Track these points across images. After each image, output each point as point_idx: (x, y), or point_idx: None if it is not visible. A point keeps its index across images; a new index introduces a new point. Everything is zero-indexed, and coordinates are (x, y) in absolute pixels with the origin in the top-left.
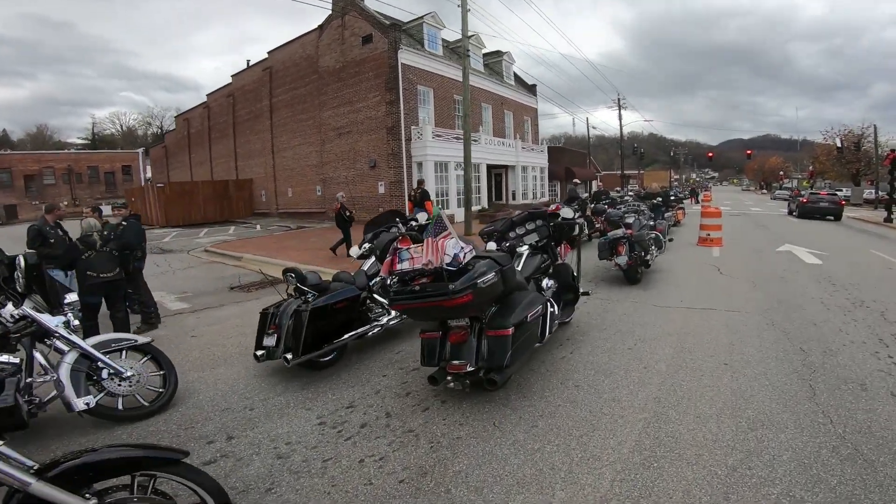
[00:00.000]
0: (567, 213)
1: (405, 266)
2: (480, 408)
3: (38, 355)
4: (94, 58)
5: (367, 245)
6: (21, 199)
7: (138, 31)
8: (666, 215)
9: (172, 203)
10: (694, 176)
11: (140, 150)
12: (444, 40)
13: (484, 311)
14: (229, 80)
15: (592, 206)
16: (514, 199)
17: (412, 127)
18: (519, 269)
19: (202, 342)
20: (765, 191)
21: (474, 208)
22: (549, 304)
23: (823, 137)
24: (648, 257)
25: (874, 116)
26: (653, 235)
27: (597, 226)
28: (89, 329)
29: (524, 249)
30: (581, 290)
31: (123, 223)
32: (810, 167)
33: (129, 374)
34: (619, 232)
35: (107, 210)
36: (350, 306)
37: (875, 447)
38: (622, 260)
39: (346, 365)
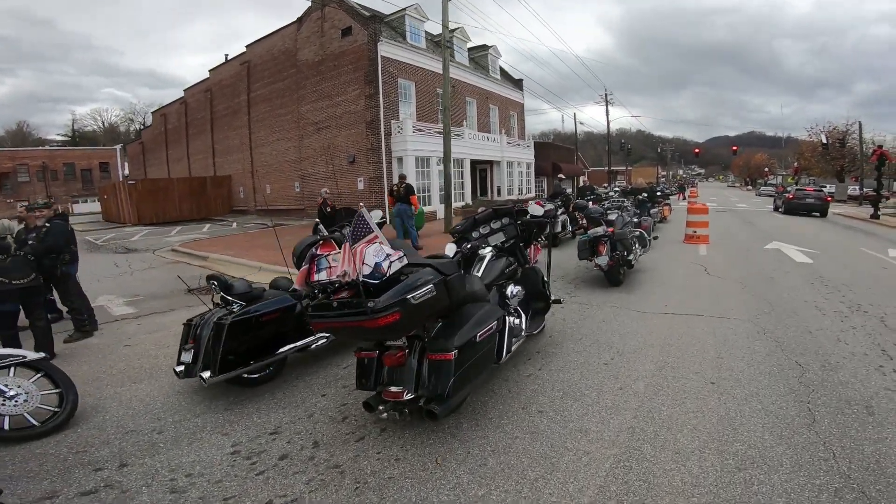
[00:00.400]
0: (536, 210)
1: (322, 277)
2: (424, 439)
3: None
4: (75, 55)
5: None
6: None
7: (120, 27)
8: (652, 211)
9: (145, 200)
10: (681, 172)
11: (118, 147)
12: (427, 33)
13: (427, 328)
14: (207, 74)
15: (575, 202)
16: (499, 194)
17: (392, 121)
18: (479, 274)
19: (134, 352)
20: (750, 187)
21: (457, 204)
22: (508, 317)
23: (808, 134)
24: (631, 257)
25: (858, 113)
26: (637, 233)
27: (581, 223)
28: (8, 339)
29: (487, 252)
30: (552, 298)
31: (47, 224)
32: (795, 164)
33: (11, 393)
34: (601, 230)
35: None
36: (283, 317)
37: (885, 489)
38: (603, 260)
39: (284, 381)
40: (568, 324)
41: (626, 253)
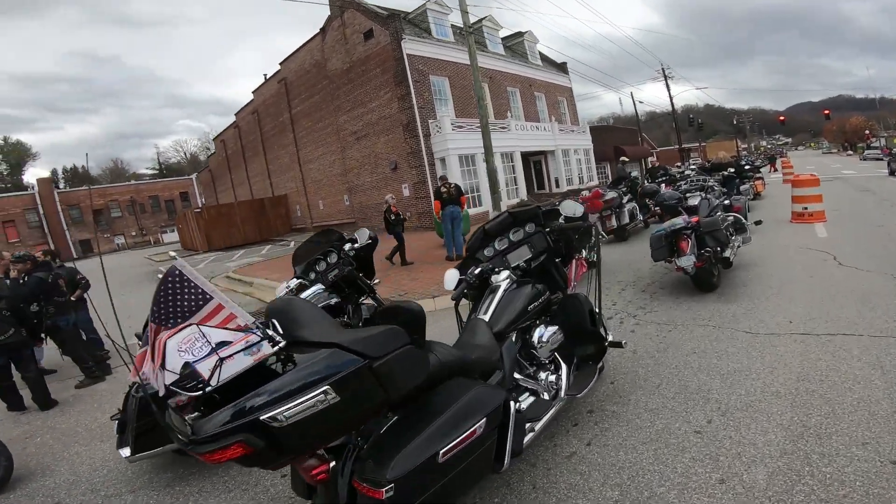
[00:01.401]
0: (572, 207)
1: (146, 372)
2: None
3: None
4: (145, 89)
5: (295, 281)
6: (92, 234)
7: (178, 58)
8: (742, 188)
9: (212, 227)
10: (764, 143)
11: (193, 176)
12: (454, 26)
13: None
14: (251, 96)
15: (643, 186)
16: (557, 186)
17: (430, 121)
18: (487, 315)
19: None
20: (850, 152)
21: (511, 201)
22: (511, 401)
23: None
24: (728, 253)
25: None
26: (730, 219)
27: (654, 210)
28: (4, 391)
29: (503, 278)
30: (608, 339)
31: (24, 278)
32: None
33: None
34: (680, 220)
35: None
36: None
37: None
38: (687, 261)
39: None
40: (640, 359)
41: (719, 248)
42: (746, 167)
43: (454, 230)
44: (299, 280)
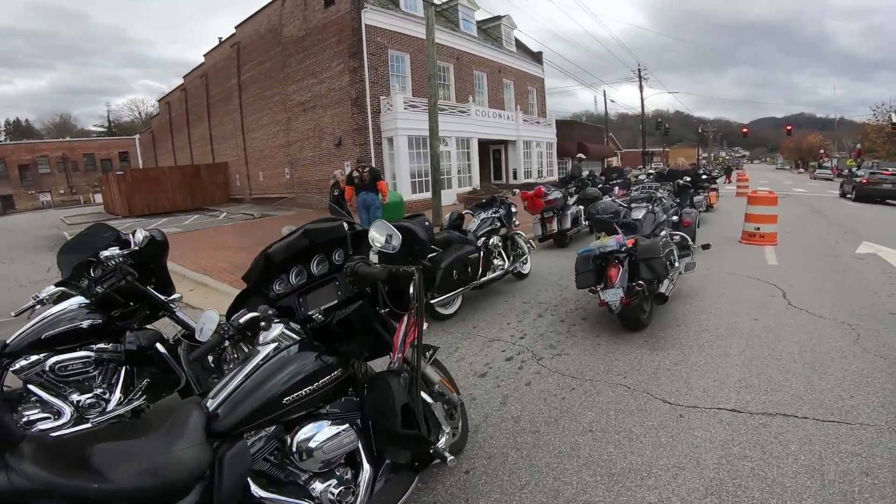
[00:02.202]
0: (382, 232)
1: None
2: None
3: None
4: (109, 48)
5: (53, 290)
6: (17, 189)
7: (150, 19)
8: (696, 199)
9: (134, 191)
10: (723, 154)
11: (136, 137)
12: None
13: None
14: (202, 59)
15: (585, 191)
16: (514, 177)
17: (382, 97)
18: (214, 401)
19: None
20: (801, 170)
21: (463, 189)
22: None
23: (874, 114)
24: (665, 287)
25: None
26: (677, 240)
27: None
28: None
29: (270, 337)
30: (439, 445)
31: None
32: (857, 145)
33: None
34: (612, 241)
35: None
36: None
37: None
38: (613, 296)
39: None
40: (520, 433)
41: (655, 281)
42: (703, 177)
43: (372, 219)
44: (61, 288)
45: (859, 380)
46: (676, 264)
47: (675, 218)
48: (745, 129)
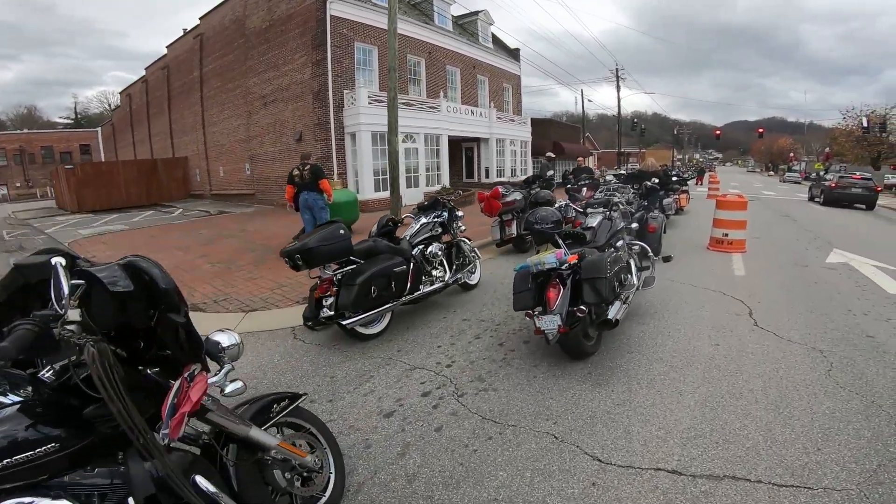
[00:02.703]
0: (65, 286)
1: None
2: None
3: None
4: (80, 39)
5: None
6: None
7: (123, 10)
8: (665, 202)
9: (84, 186)
10: (697, 156)
11: (98, 129)
12: None
13: None
14: (165, 51)
15: (536, 192)
16: (487, 176)
17: (345, 91)
18: None
19: None
20: (771, 173)
21: (431, 188)
22: None
23: (843, 118)
24: (613, 312)
25: (882, 103)
26: (636, 250)
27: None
28: None
29: None
30: None
31: None
32: (826, 149)
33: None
34: (551, 257)
35: None
36: None
37: None
38: (549, 324)
39: None
40: (415, 491)
41: (603, 303)
42: (674, 178)
43: (318, 221)
44: None
45: (829, 425)
46: (633, 281)
47: (635, 225)
48: (718, 131)
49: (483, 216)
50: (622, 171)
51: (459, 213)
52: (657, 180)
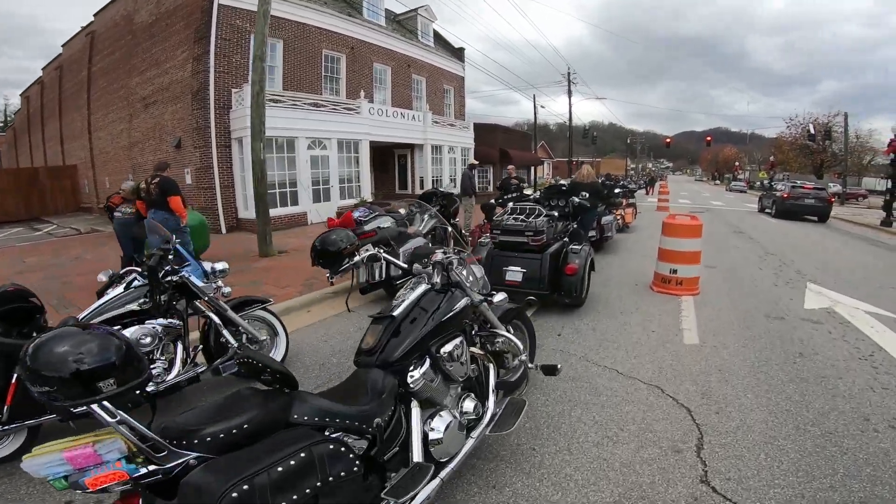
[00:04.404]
0: None
1: None
2: None
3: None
4: (26, 40)
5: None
6: None
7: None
8: (605, 220)
9: None
10: (650, 165)
11: (2, 135)
12: None
13: None
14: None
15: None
16: (421, 186)
17: (234, 90)
18: None
19: None
20: (717, 182)
21: (346, 201)
22: None
23: (787, 126)
24: None
25: (822, 111)
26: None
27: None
28: None
29: None
30: None
31: None
32: (770, 158)
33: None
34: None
35: None
36: None
37: None
38: None
39: None
40: None
41: None
42: (616, 190)
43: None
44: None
45: None
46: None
47: (501, 297)
48: (668, 140)
49: None
50: (553, 181)
51: (219, 267)
52: (586, 195)
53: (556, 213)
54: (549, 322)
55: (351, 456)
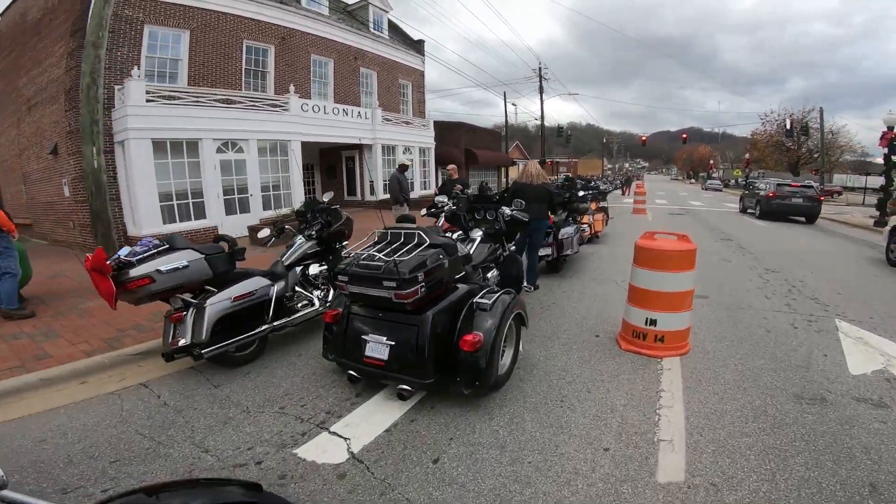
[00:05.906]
0: None
1: None
2: None
3: None
4: None
5: None
6: None
7: None
8: (564, 233)
9: None
10: (627, 165)
11: None
12: None
13: None
14: None
15: None
16: (372, 192)
17: (116, 87)
18: None
19: None
20: (693, 181)
21: (272, 212)
22: None
23: (762, 122)
24: None
25: (794, 108)
26: None
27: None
28: None
29: None
30: None
31: None
32: (746, 155)
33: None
34: None
35: None
36: None
37: None
38: None
39: None
40: None
41: None
42: (580, 193)
43: None
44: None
45: None
46: None
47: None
48: (643, 138)
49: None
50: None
51: None
52: (522, 202)
53: (479, 234)
54: (436, 424)
55: None
